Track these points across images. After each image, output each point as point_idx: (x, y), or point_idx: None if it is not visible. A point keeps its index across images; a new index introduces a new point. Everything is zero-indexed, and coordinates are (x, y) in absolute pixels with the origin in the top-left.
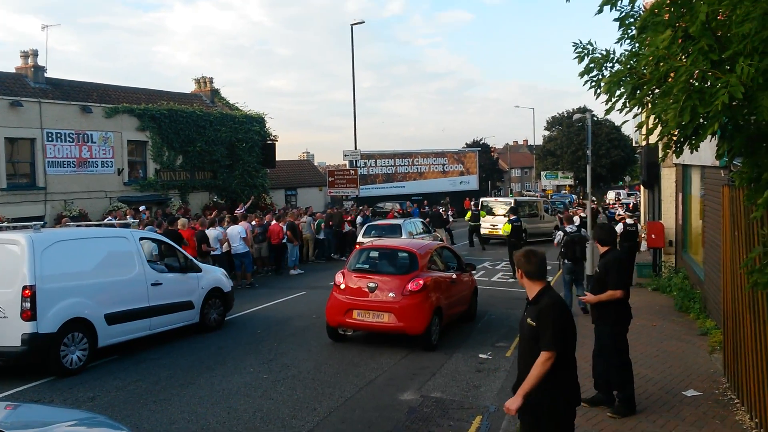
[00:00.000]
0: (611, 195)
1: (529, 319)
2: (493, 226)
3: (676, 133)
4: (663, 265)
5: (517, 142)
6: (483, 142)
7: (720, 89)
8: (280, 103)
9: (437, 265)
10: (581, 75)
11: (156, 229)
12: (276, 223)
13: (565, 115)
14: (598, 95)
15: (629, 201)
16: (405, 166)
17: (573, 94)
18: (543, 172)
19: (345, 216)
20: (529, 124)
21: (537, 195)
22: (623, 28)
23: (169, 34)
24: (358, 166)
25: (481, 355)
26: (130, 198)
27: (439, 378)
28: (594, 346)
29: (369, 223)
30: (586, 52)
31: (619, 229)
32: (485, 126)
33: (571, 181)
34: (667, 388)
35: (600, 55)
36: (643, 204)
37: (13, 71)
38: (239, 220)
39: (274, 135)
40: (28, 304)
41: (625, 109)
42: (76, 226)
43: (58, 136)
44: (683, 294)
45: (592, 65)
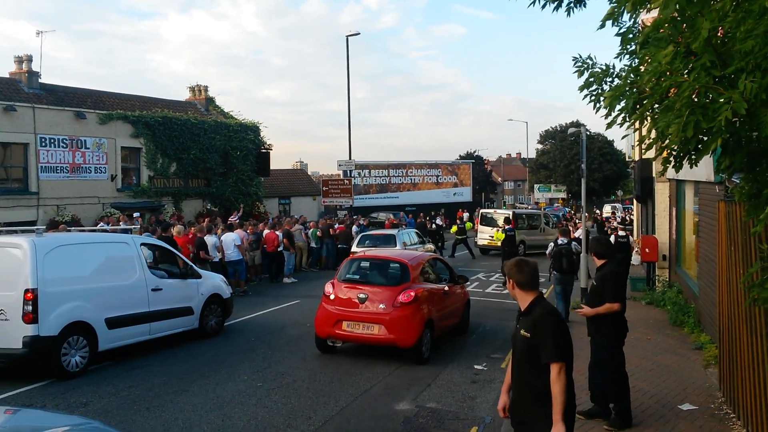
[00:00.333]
0: (607, 209)
1: (522, 330)
2: (492, 237)
3: (676, 148)
4: (657, 279)
5: (510, 154)
6: (476, 154)
7: (723, 105)
8: (274, 113)
9: (429, 276)
10: (581, 89)
11: (152, 235)
12: (272, 231)
13: (558, 129)
14: (597, 109)
15: (625, 215)
16: (399, 176)
17: (566, 108)
18: (536, 185)
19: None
20: (523, 137)
21: (528, 207)
22: (623, 44)
23: (163, 43)
24: (352, 176)
25: (476, 366)
26: (123, 204)
27: (435, 388)
28: (590, 359)
29: (363, 233)
30: (585, 66)
31: (611, 240)
32: (479, 138)
33: (563, 195)
34: (663, 401)
35: (600, 70)
36: (636, 218)
37: (7, 76)
38: (234, 228)
39: (268, 144)
40: (30, 307)
41: (626, 123)
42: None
43: (52, 141)
44: (677, 308)
45: (591, 79)
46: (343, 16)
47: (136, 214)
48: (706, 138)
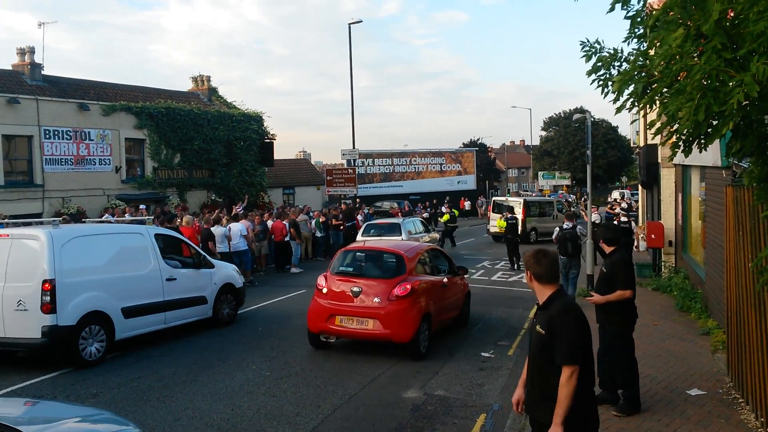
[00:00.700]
0: (616, 194)
1: (538, 326)
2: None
3: (686, 132)
4: (663, 265)
5: (514, 142)
6: (480, 141)
7: (735, 88)
8: (276, 102)
9: (427, 268)
10: (589, 74)
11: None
12: (279, 221)
13: (562, 115)
14: (606, 94)
15: (629, 202)
16: (403, 165)
17: (569, 94)
18: (540, 172)
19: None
20: (526, 124)
21: (533, 195)
22: (632, 27)
23: (164, 33)
24: (356, 165)
25: (483, 354)
26: (128, 196)
27: (442, 376)
28: (599, 345)
29: (368, 222)
30: (593, 51)
31: None
32: (482, 126)
33: (568, 182)
34: (671, 387)
35: (608, 54)
36: (641, 204)
37: (10, 68)
38: (240, 218)
39: (271, 134)
40: (48, 298)
41: (634, 108)
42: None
43: (56, 133)
44: (684, 294)
45: (600, 64)
46: (344, 4)
47: (141, 206)
48: (717, 121)
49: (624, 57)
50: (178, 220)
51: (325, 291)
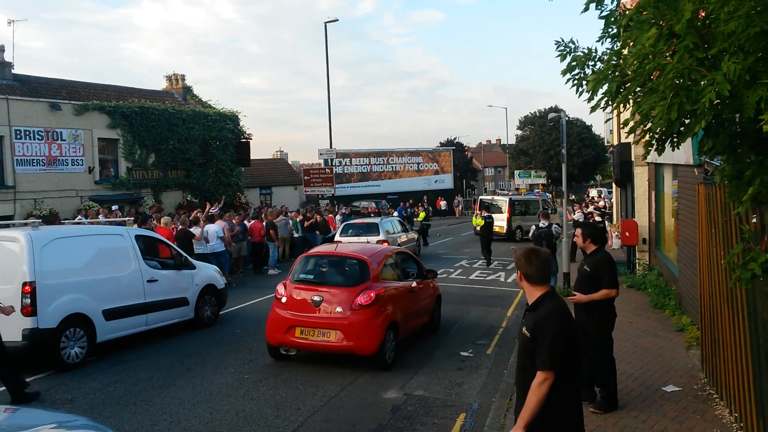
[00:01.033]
0: (593, 192)
1: (524, 328)
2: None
3: (659, 130)
4: (637, 262)
5: (490, 141)
6: (457, 141)
7: (707, 87)
8: (252, 102)
9: (394, 273)
10: (563, 73)
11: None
12: (257, 221)
13: (537, 114)
14: (580, 94)
15: (607, 200)
16: (380, 165)
17: (545, 94)
18: (516, 171)
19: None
20: (502, 123)
21: (510, 194)
22: (606, 27)
23: (137, 31)
24: (333, 165)
25: (462, 353)
26: (101, 197)
27: (422, 376)
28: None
29: (346, 222)
30: (568, 50)
31: None
32: (459, 125)
33: (543, 180)
34: (647, 383)
35: (582, 54)
36: (615, 202)
37: None
38: (216, 219)
39: (248, 133)
40: (28, 300)
41: (609, 107)
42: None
43: (27, 133)
44: (658, 291)
45: (574, 63)
46: (320, 3)
47: (114, 207)
48: (690, 120)
49: (598, 56)
50: (153, 222)
51: (284, 300)
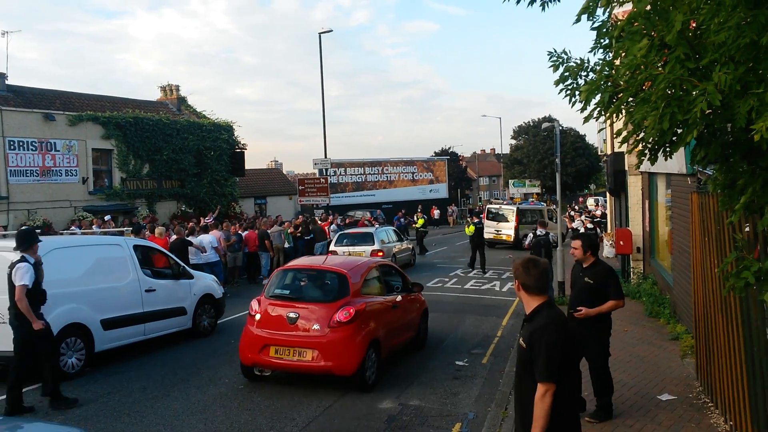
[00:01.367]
0: (591, 201)
1: (521, 339)
2: (498, 231)
3: (652, 140)
4: (632, 271)
5: (484, 150)
6: (451, 150)
7: (698, 97)
8: (246, 112)
9: (376, 287)
10: (556, 83)
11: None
12: (252, 231)
13: (531, 124)
14: (573, 104)
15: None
16: (375, 174)
17: (538, 103)
18: (511, 181)
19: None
20: (496, 132)
21: (504, 203)
22: (598, 38)
23: (132, 42)
24: (328, 174)
25: (457, 362)
26: (95, 207)
27: (417, 386)
28: None
29: (341, 232)
30: (560, 60)
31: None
32: (453, 135)
33: (538, 189)
34: (642, 392)
35: (575, 64)
36: (609, 211)
37: None
38: (210, 229)
39: (242, 143)
40: None
41: (601, 117)
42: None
43: (21, 144)
44: (653, 299)
45: (567, 74)
46: (314, 14)
47: (107, 217)
48: (682, 130)
49: (590, 67)
50: (146, 232)
51: (258, 317)
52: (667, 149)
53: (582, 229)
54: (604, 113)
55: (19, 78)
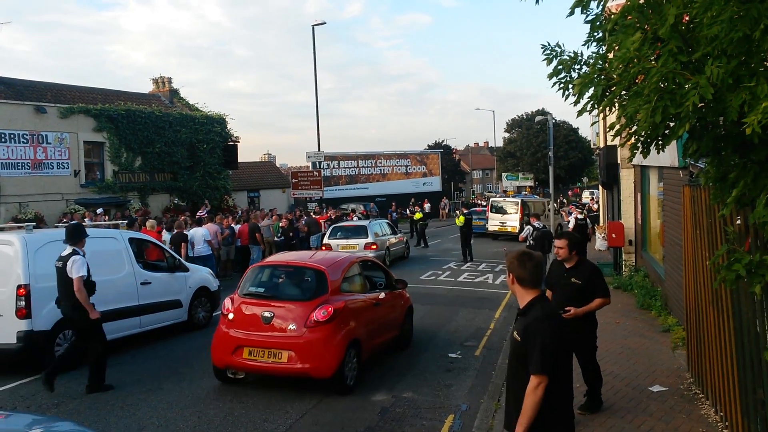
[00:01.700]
0: (586, 194)
1: (515, 332)
2: (502, 223)
3: (644, 133)
4: (624, 263)
5: (477, 143)
6: (445, 143)
7: (690, 90)
8: (239, 105)
9: (357, 284)
10: (550, 77)
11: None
12: (245, 224)
13: (524, 117)
14: (566, 97)
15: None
16: (368, 167)
17: (531, 96)
18: (504, 174)
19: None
20: (490, 125)
21: (497, 196)
22: (591, 31)
23: (124, 33)
24: (321, 167)
25: (450, 354)
26: (87, 200)
27: (410, 378)
28: None
29: (335, 225)
30: (554, 54)
31: (572, 224)
32: (446, 127)
33: (531, 183)
34: (634, 384)
35: (568, 57)
36: (602, 204)
37: None
38: (204, 223)
39: (235, 136)
40: (23, 303)
41: (595, 110)
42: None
43: (12, 137)
44: (644, 292)
45: (560, 67)
46: (307, 6)
47: (99, 210)
48: (674, 123)
49: (584, 60)
50: (137, 225)
51: (231, 317)
52: (660, 142)
53: (572, 224)
54: (597, 106)
55: (10, 70)
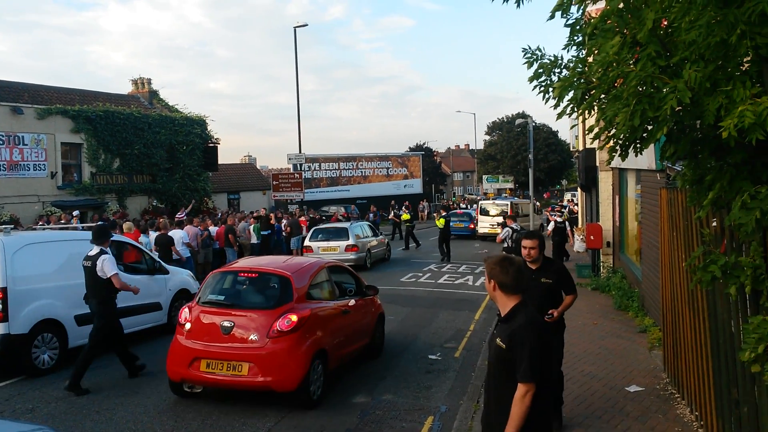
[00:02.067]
0: (568, 196)
1: (498, 339)
2: (493, 225)
3: (623, 136)
4: (602, 265)
5: (459, 146)
6: (426, 146)
7: (668, 94)
8: (220, 106)
9: (324, 291)
10: (530, 80)
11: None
12: (222, 227)
13: (505, 120)
14: (547, 100)
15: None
16: (349, 169)
17: (512, 99)
18: (484, 176)
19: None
20: (471, 128)
21: (478, 198)
22: (571, 35)
23: (103, 34)
24: (303, 169)
25: (430, 356)
26: (64, 202)
27: (390, 380)
28: None
29: (316, 227)
30: (535, 57)
31: (551, 226)
32: (428, 130)
33: (511, 185)
34: (610, 384)
35: (549, 61)
36: (580, 206)
37: None
38: (184, 225)
39: (215, 138)
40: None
41: (574, 113)
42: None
43: None
44: (622, 293)
45: (541, 71)
46: (289, 8)
47: (75, 213)
48: (652, 126)
49: (564, 64)
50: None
51: (188, 327)
52: (638, 145)
53: (551, 226)
54: (576, 110)
55: None
